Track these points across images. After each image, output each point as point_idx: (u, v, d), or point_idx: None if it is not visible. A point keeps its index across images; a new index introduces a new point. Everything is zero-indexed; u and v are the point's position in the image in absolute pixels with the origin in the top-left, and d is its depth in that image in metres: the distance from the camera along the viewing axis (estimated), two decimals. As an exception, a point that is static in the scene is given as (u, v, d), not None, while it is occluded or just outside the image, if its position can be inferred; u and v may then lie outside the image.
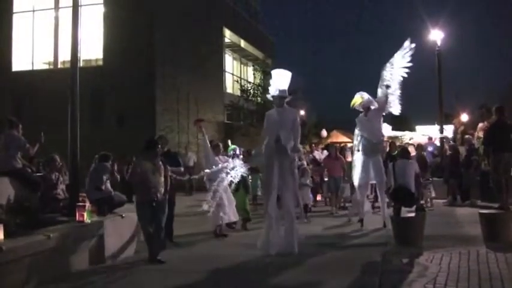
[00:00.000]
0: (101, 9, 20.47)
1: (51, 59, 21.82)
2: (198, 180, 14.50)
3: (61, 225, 6.94)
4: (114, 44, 20.14)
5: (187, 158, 18.48)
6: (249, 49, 32.24)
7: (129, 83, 19.67)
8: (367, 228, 9.65)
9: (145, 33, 20.13)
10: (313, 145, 19.57)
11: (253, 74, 30.10)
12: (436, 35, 18.17)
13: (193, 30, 22.91)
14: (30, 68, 21.97)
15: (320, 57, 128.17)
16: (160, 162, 7.42)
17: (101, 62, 21.07)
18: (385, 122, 15.50)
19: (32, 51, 22.03)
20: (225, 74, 28.75)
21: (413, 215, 8.23)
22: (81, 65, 11.92)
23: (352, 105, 10.13)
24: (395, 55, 9.82)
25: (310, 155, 15.38)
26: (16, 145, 7.53)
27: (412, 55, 9.74)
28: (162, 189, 7.29)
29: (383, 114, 10.12)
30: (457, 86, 64.80)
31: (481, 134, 13.41)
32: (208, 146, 9.44)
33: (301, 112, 29.98)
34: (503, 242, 7.37)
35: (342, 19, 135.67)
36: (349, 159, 12.45)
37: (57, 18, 20.89)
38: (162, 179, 7.33)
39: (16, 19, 22.08)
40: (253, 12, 33.69)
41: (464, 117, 30.77)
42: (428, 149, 17.32)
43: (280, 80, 8.13)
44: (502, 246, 7.12)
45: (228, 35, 28.98)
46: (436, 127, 20.41)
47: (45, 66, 22.29)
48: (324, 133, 30.22)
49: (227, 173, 8.84)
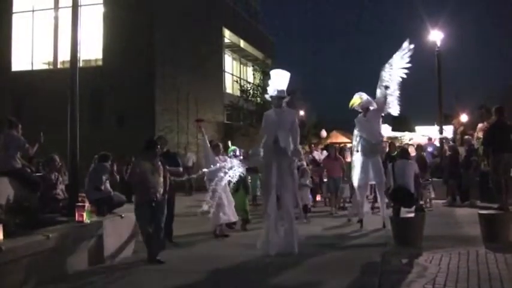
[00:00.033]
0: (100, 9, 20.47)
1: (51, 59, 21.83)
2: (198, 180, 14.51)
3: (60, 225, 6.93)
4: (113, 44, 20.14)
5: (186, 158, 18.48)
6: (249, 49, 32.24)
7: (129, 83, 19.68)
8: (367, 228, 9.66)
9: (145, 34, 20.13)
10: (313, 145, 19.55)
11: (253, 74, 30.10)
12: (435, 36, 18.18)
13: (193, 30, 22.91)
14: (29, 68, 21.97)
15: (320, 57, 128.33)
16: (160, 163, 7.42)
17: (100, 62, 21.07)
18: (386, 123, 15.55)
19: (32, 51, 22.03)
20: (225, 74, 28.75)
21: (412, 215, 8.22)
22: (80, 65, 11.87)
23: (350, 105, 10.12)
24: (394, 56, 9.82)
25: (310, 156, 15.37)
26: (16, 145, 7.53)
27: (411, 56, 9.73)
28: (161, 190, 7.29)
29: (382, 115, 10.11)
30: (457, 87, 64.84)
31: (480, 135, 13.41)
32: (208, 146, 9.44)
33: (301, 112, 30.01)
34: (502, 242, 7.37)
35: (342, 19, 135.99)
36: (349, 160, 12.46)
37: (56, 18, 20.89)
38: (161, 179, 7.34)
39: (16, 19, 22.09)
40: (253, 12, 33.69)
41: (463, 118, 30.79)
42: (428, 149, 17.33)
43: (278, 81, 8.13)
44: (502, 246, 7.12)
45: (227, 35, 28.98)
46: (435, 128, 20.42)
47: (45, 66, 22.29)
48: (324, 133, 30.22)
49: (225, 172, 8.84)
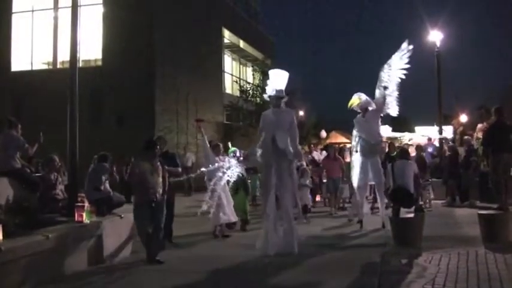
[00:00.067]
0: (100, 10, 20.48)
1: (51, 59, 21.84)
2: (197, 180, 14.51)
3: (60, 225, 6.93)
4: (113, 44, 20.14)
5: (185, 158, 18.48)
6: (249, 49, 32.24)
7: (129, 83, 19.68)
8: (366, 229, 9.65)
9: (144, 34, 20.14)
10: (312, 146, 19.55)
11: (253, 75, 30.12)
12: (435, 36, 18.20)
13: (192, 31, 22.92)
14: (29, 68, 21.97)
15: (320, 57, 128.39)
16: (159, 163, 7.42)
17: (100, 62, 21.07)
18: (386, 124, 15.57)
19: (31, 52, 22.04)
20: (224, 74, 28.75)
21: (412, 215, 8.22)
22: (80, 65, 11.88)
23: (349, 106, 10.11)
24: (393, 56, 9.81)
25: (309, 156, 15.37)
26: (15, 145, 7.53)
27: (410, 57, 9.71)
28: (161, 190, 7.29)
29: (381, 115, 10.11)
30: (457, 87, 64.95)
31: (480, 135, 13.43)
32: (208, 146, 9.43)
33: (300, 113, 30.01)
34: (502, 242, 7.37)
35: (342, 19, 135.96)
36: (348, 160, 12.45)
37: (56, 18, 20.90)
38: (160, 180, 7.33)
39: (15, 19, 22.09)
40: (252, 12, 33.70)
41: (463, 118, 30.81)
42: (428, 149, 17.34)
43: (277, 80, 8.12)
44: (501, 246, 7.12)
45: (227, 36, 28.99)
46: (435, 128, 20.43)
47: (45, 67, 22.30)
48: (324, 134, 30.20)
49: (224, 172, 8.84)
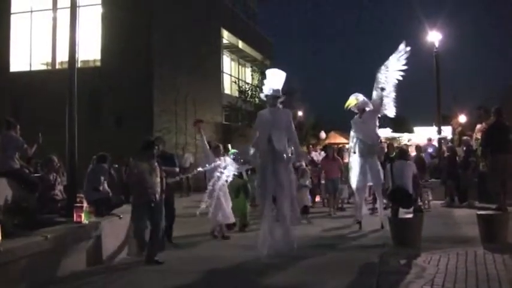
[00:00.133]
0: (99, 10, 20.44)
1: (49, 60, 21.80)
2: (196, 180, 14.51)
3: (59, 226, 6.93)
4: (112, 45, 20.12)
5: (184, 159, 18.47)
6: (247, 50, 32.24)
7: (127, 84, 19.66)
8: (365, 229, 9.65)
9: (143, 34, 20.12)
10: (311, 146, 19.55)
11: (251, 75, 30.11)
12: (434, 37, 18.22)
13: (191, 31, 22.91)
14: (28, 69, 21.93)
15: (319, 57, 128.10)
16: (156, 163, 7.41)
17: (99, 63, 21.04)
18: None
19: (30, 52, 22.00)
20: (223, 75, 28.74)
21: (411, 216, 8.23)
22: (79, 65, 11.93)
23: (346, 106, 10.10)
24: (390, 58, 9.81)
25: (308, 156, 15.35)
26: (14, 146, 7.54)
27: (408, 58, 9.71)
28: (159, 190, 7.29)
29: (378, 116, 10.11)
30: (456, 87, 64.97)
31: (479, 136, 13.43)
32: (207, 147, 9.42)
33: (299, 113, 30.01)
34: (500, 243, 7.38)
35: (342, 19, 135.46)
36: (347, 161, 12.45)
37: (55, 19, 20.88)
38: (159, 180, 7.33)
39: (14, 20, 22.06)
40: (251, 13, 33.70)
41: (462, 119, 30.82)
42: (428, 150, 17.36)
43: (274, 80, 8.12)
44: (500, 247, 7.12)
45: (226, 36, 28.98)
46: (434, 128, 20.45)
47: (43, 67, 22.26)
48: (323, 135, 30.17)
49: (221, 172, 8.84)
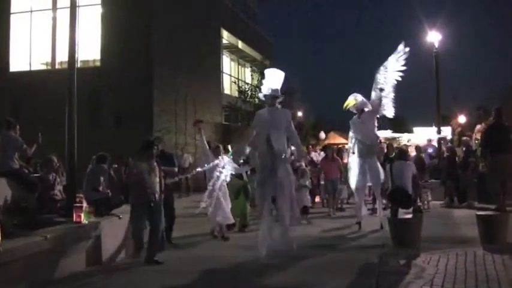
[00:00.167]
0: (98, 10, 20.41)
1: (49, 60, 21.78)
2: (195, 180, 14.51)
3: (58, 226, 6.92)
4: (112, 45, 20.10)
5: (183, 159, 18.44)
6: (247, 50, 32.23)
7: (127, 84, 19.64)
8: (365, 230, 9.66)
9: (143, 34, 20.10)
10: (311, 146, 19.55)
11: (251, 75, 30.11)
12: (433, 37, 18.22)
13: (191, 31, 22.90)
14: (27, 69, 21.90)
15: (319, 57, 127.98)
16: (155, 163, 7.41)
17: (98, 63, 21.02)
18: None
19: (30, 52, 21.98)
20: (223, 75, 28.74)
21: (410, 216, 8.23)
22: (78, 65, 11.92)
23: (345, 106, 10.10)
24: (389, 58, 9.82)
25: (308, 157, 15.35)
26: (13, 146, 7.54)
27: (407, 58, 9.72)
28: (158, 190, 7.29)
29: (377, 117, 10.11)
30: (455, 88, 64.95)
31: (478, 136, 13.43)
32: (207, 148, 9.42)
33: (299, 113, 30.01)
34: (500, 243, 7.39)
35: (342, 19, 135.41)
36: (346, 161, 12.45)
37: (55, 19, 20.84)
38: (158, 180, 7.33)
39: (14, 20, 22.03)
40: (251, 13, 33.70)
41: (461, 119, 30.83)
42: (428, 150, 17.36)
43: (273, 80, 8.12)
44: (499, 247, 7.13)
45: (225, 36, 28.97)
46: (433, 129, 20.46)
47: (43, 67, 22.23)
48: (323, 135, 30.18)
49: (220, 171, 8.85)
